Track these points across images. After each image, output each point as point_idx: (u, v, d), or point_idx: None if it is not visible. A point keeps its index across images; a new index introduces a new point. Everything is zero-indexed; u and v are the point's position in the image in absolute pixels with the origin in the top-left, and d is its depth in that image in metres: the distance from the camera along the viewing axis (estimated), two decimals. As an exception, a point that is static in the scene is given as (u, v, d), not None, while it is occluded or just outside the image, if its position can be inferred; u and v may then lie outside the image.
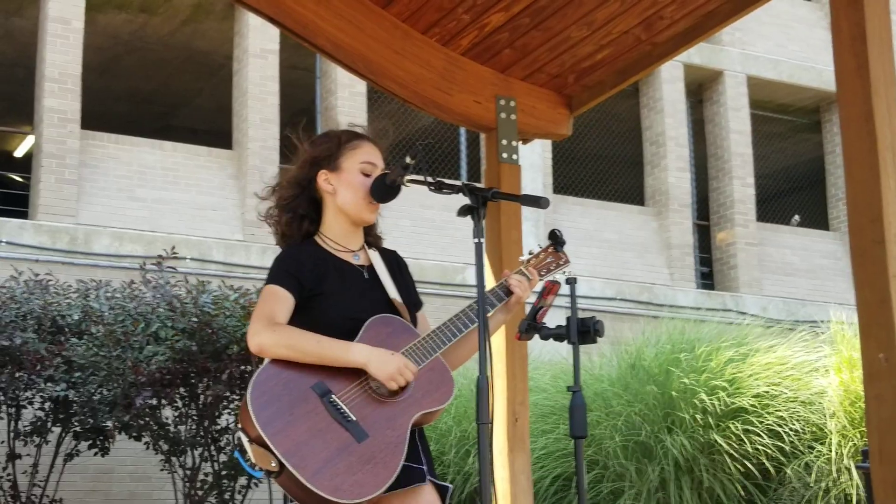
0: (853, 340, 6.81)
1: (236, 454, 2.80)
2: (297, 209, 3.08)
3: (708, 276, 15.62)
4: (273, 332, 2.83)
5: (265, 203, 3.15)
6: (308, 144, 3.13)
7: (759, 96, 15.79)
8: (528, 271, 3.11)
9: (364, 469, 2.72)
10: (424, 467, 2.90)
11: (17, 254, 10.74)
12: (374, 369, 2.81)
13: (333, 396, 2.79)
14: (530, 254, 3.16)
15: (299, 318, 2.93)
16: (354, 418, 2.77)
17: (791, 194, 17.49)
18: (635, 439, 7.11)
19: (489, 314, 2.94)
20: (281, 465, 2.69)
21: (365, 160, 3.06)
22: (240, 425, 2.79)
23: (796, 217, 16.77)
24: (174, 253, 8.54)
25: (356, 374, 2.84)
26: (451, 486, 2.98)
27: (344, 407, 2.78)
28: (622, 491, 7.07)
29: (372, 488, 2.72)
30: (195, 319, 7.57)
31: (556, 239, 3.13)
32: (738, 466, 6.81)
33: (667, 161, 14.89)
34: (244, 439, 2.75)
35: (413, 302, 3.12)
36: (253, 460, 2.74)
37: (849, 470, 6.51)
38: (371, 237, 3.16)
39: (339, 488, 2.68)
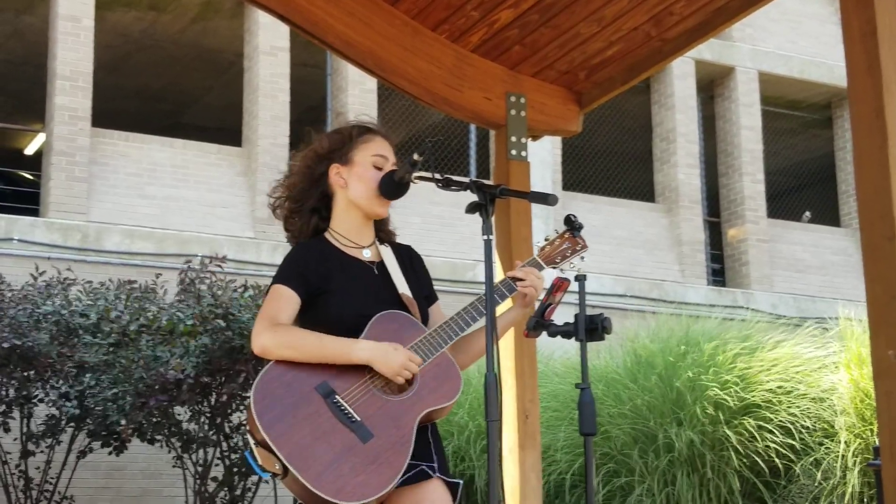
0: (863, 337, 6.80)
1: (247, 454, 2.80)
2: (306, 202, 3.06)
3: (719, 273, 15.59)
4: (274, 333, 2.82)
5: (276, 194, 3.12)
6: (319, 139, 3.12)
7: (770, 92, 15.75)
8: (540, 260, 3.05)
9: (368, 469, 2.70)
10: (435, 464, 2.89)
11: (29, 251, 10.77)
12: (379, 366, 2.80)
13: (337, 397, 2.77)
14: (546, 240, 3.10)
15: (307, 317, 2.92)
16: (359, 418, 2.76)
17: (802, 191, 17.44)
18: (643, 432, 7.10)
19: (498, 314, 2.90)
20: (285, 467, 2.68)
21: (377, 153, 3.05)
22: (248, 427, 2.78)
23: (807, 213, 16.73)
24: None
25: (361, 372, 2.82)
26: (461, 482, 2.95)
27: (348, 407, 2.77)
28: (633, 485, 7.07)
29: (376, 488, 2.70)
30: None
31: (571, 224, 3.06)
32: (748, 463, 6.80)
33: (677, 157, 14.86)
34: (251, 442, 2.75)
35: (425, 296, 3.08)
36: (260, 462, 2.74)
37: (857, 466, 6.50)
38: (383, 233, 3.14)
39: (343, 490, 2.67)
